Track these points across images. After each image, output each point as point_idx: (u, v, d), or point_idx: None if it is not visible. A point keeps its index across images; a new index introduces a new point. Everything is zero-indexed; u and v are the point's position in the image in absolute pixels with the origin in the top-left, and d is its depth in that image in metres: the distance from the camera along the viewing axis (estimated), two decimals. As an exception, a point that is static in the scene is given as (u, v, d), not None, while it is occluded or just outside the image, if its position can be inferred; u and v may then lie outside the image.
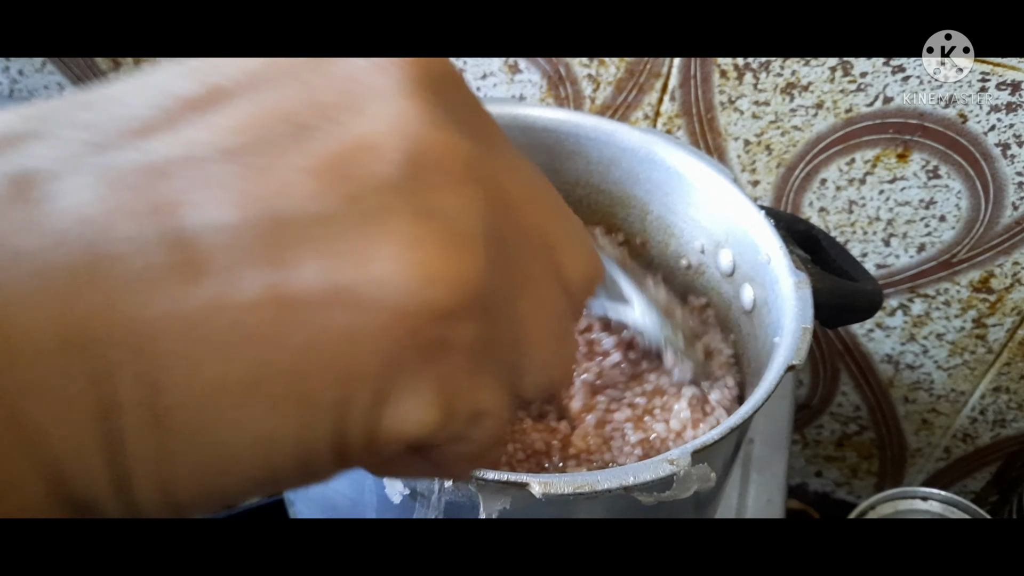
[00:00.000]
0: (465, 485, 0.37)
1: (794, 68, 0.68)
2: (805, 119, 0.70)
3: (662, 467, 0.37)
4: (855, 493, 0.97)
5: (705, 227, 0.55)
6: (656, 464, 0.37)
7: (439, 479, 0.37)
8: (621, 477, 0.37)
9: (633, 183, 0.58)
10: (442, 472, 0.22)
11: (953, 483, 0.91)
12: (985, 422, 0.85)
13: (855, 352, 0.84)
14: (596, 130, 0.57)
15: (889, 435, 0.89)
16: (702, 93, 0.72)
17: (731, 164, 0.75)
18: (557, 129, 0.57)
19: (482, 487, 0.37)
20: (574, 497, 0.36)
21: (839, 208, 0.74)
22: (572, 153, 0.58)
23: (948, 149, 0.68)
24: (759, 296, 0.51)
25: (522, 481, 0.36)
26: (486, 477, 0.36)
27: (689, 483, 0.38)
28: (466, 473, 0.22)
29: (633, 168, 0.57)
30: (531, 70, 0.75)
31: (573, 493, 0.36)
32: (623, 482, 0.37)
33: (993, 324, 0.77)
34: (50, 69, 0.93)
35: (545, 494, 0.36)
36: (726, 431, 0.40)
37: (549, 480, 0.36)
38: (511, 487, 0.36)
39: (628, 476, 0.37)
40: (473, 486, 0.37)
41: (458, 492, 0.37)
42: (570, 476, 0.37)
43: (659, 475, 0.37)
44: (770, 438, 0.73)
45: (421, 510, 0.38)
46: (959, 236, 0.73)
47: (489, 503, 0.37)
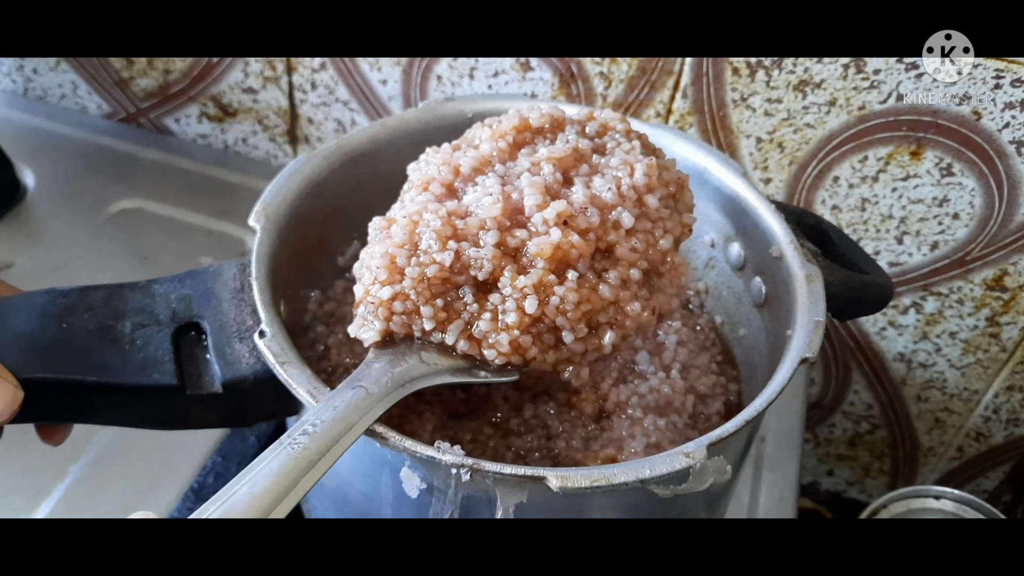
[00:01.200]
0: (482, 480, 0.37)
1: (807, 66, 0.68)
2: (818, 116, 0.70)
3: (678, 460, 0.37)
4: (867, 492, 0.96)
5: (715, 221, 0.55)
6: (672, 457, 0.38)
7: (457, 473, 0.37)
8: (638, 470, 0.37)
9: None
10: None
11: (966, 482, 0.91)
12: (999, 421, 0.84)
13: (867, 350, 0.84)
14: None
15: (902, 434, 0.89)
16: (714, 90, 0.71)
17: (743, 161, 0.75)
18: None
19: (499, 481, 0.37)
20: (591, 491, 0.36)
21: (852, 206, 0.74)
22: (583, 150, 0.58)
23: (962, 147, 0.68)
24: (770, 290, 0.51)
25: (539, 475, 0.36)
26: (504, 472, 0.36)
27: (705, 475, 0.38)
28: None
29: (643, 163, 0.57)
30: (543, 68, 0.75)
31: (590, 487, 0.36)
32: (640, 475, 0.37)
33: (1007, 323, 0.76)
34: (64, 68, 0.93)
35: (562, 488, 0.36)
36: (741, 423, 0.40)
37: (566, 474, 0.36)
38: (528, 481, 0.37)
39: (645, 469, 0.37)
40: (490, 480, 0.37)
41: (475, 486, 0.37)
42: (587, 470, 0.37)
43: (675, 468, 0.37)
44: (782, 436, 0.73)
45: (438, 505, 0.39)
46: (973, 234, 0.72)
47: (506, 497, 0.37)
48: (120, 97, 0.94)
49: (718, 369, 0.54)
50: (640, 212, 0.43)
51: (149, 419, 0.43)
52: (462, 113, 0.56)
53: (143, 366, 0.41)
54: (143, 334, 0.42)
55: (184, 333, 0.44)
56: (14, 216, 0.84)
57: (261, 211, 0.47)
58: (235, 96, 0.89)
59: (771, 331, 0.51)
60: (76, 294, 0.43)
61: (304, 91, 0.86)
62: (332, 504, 0.47)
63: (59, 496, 0.63)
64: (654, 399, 0.48)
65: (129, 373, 0.41)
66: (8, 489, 0.63)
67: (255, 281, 0.43)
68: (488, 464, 0.37)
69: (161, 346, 0.42)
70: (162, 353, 0.42)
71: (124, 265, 0.80)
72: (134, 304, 0.44)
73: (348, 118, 0.86)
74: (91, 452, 0.65)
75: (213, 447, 0.66)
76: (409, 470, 0.39)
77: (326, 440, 0.34)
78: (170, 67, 0.89)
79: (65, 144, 0.93)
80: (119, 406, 0.42)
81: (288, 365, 0.40)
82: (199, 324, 0.44)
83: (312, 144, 0.90)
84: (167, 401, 0.42)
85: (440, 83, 0.80)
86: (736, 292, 0.55)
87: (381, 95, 0.83)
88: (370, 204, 0.56)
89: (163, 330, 0.43)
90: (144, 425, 0.43)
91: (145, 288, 0.45)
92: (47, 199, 0.86)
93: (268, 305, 0.42)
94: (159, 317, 0.43)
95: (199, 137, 0.95)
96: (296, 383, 0.39)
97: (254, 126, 0.91)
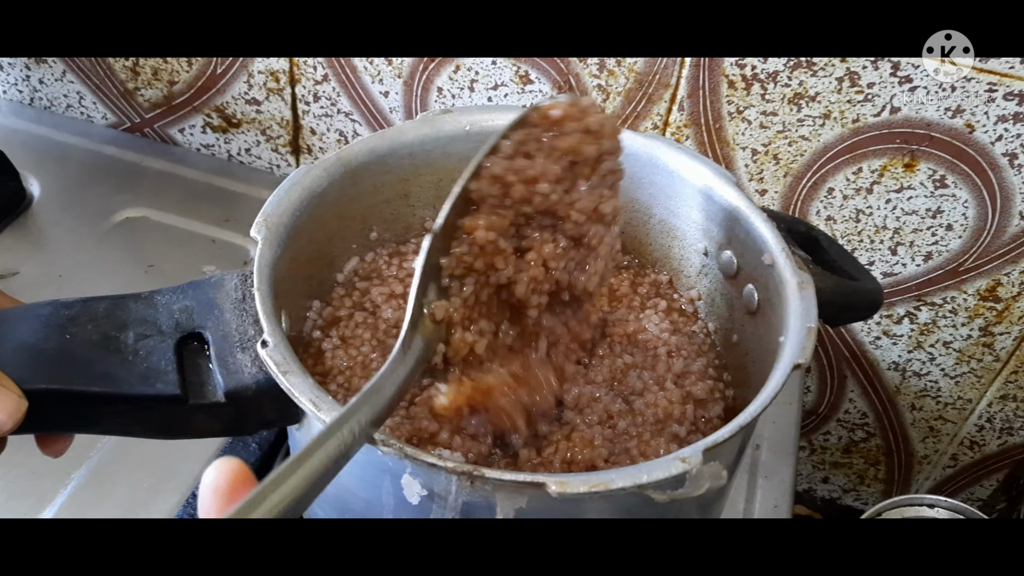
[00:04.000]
0: (483, 486, 0.38)
1: (801, 79, 0.69)
2: (812, 129, 0.71)
3: (675, 465, 0.38)
4: (862, 499, 0.97)
5: (707, 229, 0.56)
6: (668, 462, 0.38)
7: (457, 480, 0.38)
8: (635, 475, 0.38)
9: (636, 187, 0.58)
10: None
11: (960, 490, 0.92)
12: (992, 430, 0.85)
13: (862, 359, 0.84)
14: (599, 136, 0.58)
15: (896, 442, 0.90)
16: (710, 103, 0.72)
17: (739, 173, 0.76)
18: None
19: (499, 487, 0.38)
20: (589, 496, 0.37)
21: (846, 217, 0.75)
22: (577, 159, 0.59)
23: (955, 159, 0.69)
24: (762, 297, 0.52)
25: (538, 481, 0.37)
26: (504, 478, 0.37)
27: (701, 480, 0.39)
28: None
29: (636, 172, 0.58)
30: (542, 80, 0.76)
31: (588, 492, 0.37)
32: (636, 480, 0.37)
33: (1000, 332, 0.77)
34: (70, 78, 0.95)
35: (561, 493, 0.37)
36: (735, 429, 0.40)
37: (565, 479, 0.37)
38: (528, 487, 0.37)
39: (642, 474, 0.38)
40: (490, 486, 0.38)
41: (475, 492, 0.38)
42: (585, 475, 0.38)
43: (672, 473, 0.38)
44: (777, 444, 0.74)
45: (438, 511, 0.39)
46: (966, 245, 0.73)
47: (506, 502, 0.38)
48: (125, 107, 0.95)
49: (715, 374, 0.54)
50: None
51: (152, 428, 0.43)
52: (460, 125, 0.57)
53: (146, 376, 0.42)
54: (146, 344, 0.43)
55: (187, 343, 0.44)
56: (20, 224, 0.85)
57: (262, 222, 0.48)
58: (239, 107, 0.90)
59: (764, 338, 0.51)
60: (79, 305, 0.44)
61: (307, 102, 0.87)
62: (334, 510, 0.48)
63: (61, 502, 0.63)
64: (652, 413, 0.49)
65: (132, 383, 0.42)
66: (11, 495, 0.64)
67: (257, 291, 0.44)
68: (489, 471, 0.38)
69: (164, 356, 0.43)
70: (165, 363, 0.43)
71: (128, 273, 0.81)
72: (137, 315, 0.44)
73: (350, 129, 0.87)
74: (94, 458, 0.66)
75: (215, 453, 0.67)
76: (410, 477, 0.40)
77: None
78: (175, 78, 0.90)
79: (70, 153, 0.94)
80: (122, 416, 0.42)
81: (290, 375, 0.40)
82: (201, 334, 0.44)
83: (315, 154, 0.91)
84: (170, 410, 0.42)
85: (441, 95, 0.81)
86: (729, 299, 0.56)
87: (383, 106, 0.84)
88: (369, 215, 0.57)
89: (166, 340, 0.43)
90: (147, 435, 0.44)
91: (148, 299, 0.45)
92: (52, 207, 0.87)
93: (270, 315, 0.43)
94: (162, 327, 0.44)
95: (203, 147, 0.96)
96: (299, 392, 0.40)
97: (257, 137, 0.92)
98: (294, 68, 0.84)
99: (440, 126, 0.57)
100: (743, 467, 0.71)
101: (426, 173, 0.58)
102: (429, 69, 0.79)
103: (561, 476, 0.37)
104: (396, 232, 0.59)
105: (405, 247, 0.59)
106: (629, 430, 0.48)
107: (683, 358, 0.53)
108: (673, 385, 0.51)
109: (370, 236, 0.58)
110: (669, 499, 0.39)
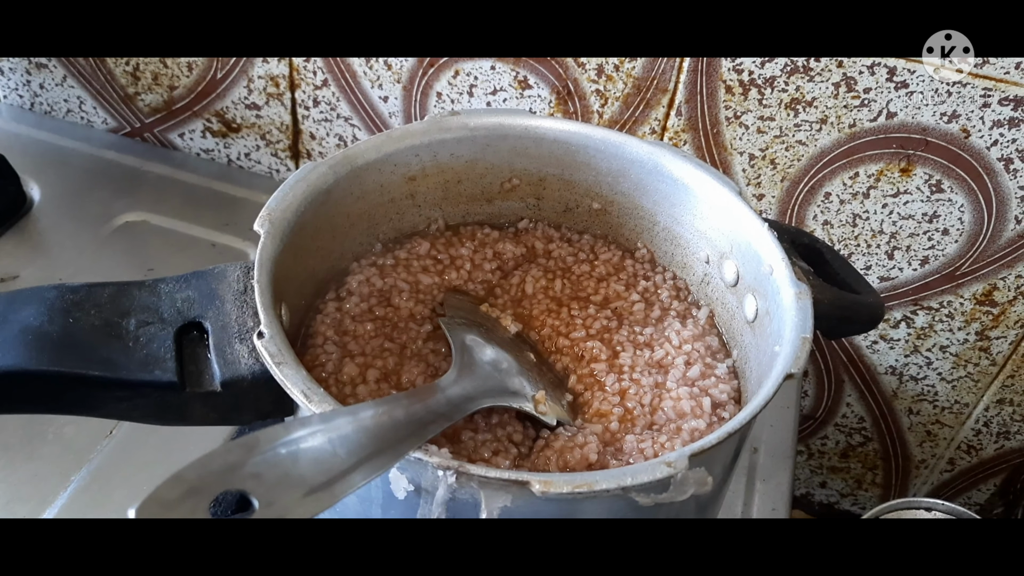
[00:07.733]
0: (468, 483, 0.38)
1: (798, 84, 0.69)
2: (809, 134, 0.71)
3: (659, 469, 0.38)
4: (860, 504, 0.97)
5: (710, 238, 0.56)
6: (653, 466, 0.38)
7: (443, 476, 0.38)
8: (619, 478, 0.38)
9: (641, 194, 0.59)
10: None
11: (958, 494, 0.92)
12: (989, 434, 0.85)
13: (859, 364, 0.85)
14: (605, 142, 0.58)
15: (893, 446, 0.90)
16: (708, 108, 0.73)
17: (736, 178, 0.76)
18: (567, 141, 0.59)
19: (484, 484, 0.38)
20: (572, 496, 0.37)
21: (843, 221, 0.75)
22: (582, 165, 0.59)
23: (951, 164, 0.69)
24: (761, 307, 0.52)
25: (523, 479, 0.37)
26: (488, 475, 0.37)
27: (686, 486, 0.39)
28: None
29: (641, 179, 0.58)
30: (540, 85, 0.77)
31: (572, 492, 0.37)
32: (621, 483, 0.38)
33: (997, 336, 0.78)
34: (70, 83, 0.95)
35: (544, 492, 0.37)
36: (724, 435, 0.41)
37: (549, 479, 0.37)
38: (512, 485, 0.37)
39: (626, 477, 0.38)
40: (475, 483, 0.38)
41: (461, 489, 0.38)
42: (569, 476, 0.38)
43: (656, 476, 0.38)
44: (775, 448, 0.74)
45: (425, 507, 0.39)
46: (962, 249, 0.74)
47: (491, 500, 0.38)
48: (125, 112, 0.95)
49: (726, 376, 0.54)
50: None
51: (149, 414, 0.44)
52: (466, 127, 0.57)
53: (145, 363, 0.42)
54: (147, 332, 0.43)
55: (187, 332, 0.44)
56: (20, 228, 0.85)
57: (266, 216, 0.48)
58: (239, 112, 0.90)
59: (761, 347, 0.51)
60: (85, 290, 0.44)
61: (307, 107, 0.87)
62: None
63: (62, 504, 0.63)
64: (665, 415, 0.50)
65: (131, 369, 0.42)
66: (11, 498, 0.64)
67: (257, 284, 0.44)
68: (473, 467, 0.38)
69: (164, 344, 0.43)
70: (164, 351, 0.43)
71: (128, 277, 0.78)
72: (140, 302, 0.45)
73: (350, 134, 0.88)
74: (94, 460, 0.66)
75: (214, 454, 0.67)
76: (398, 471, 0.40)
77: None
78: (175, 83, 0.90)
79: (71, 158, 0.94)
80: (121, 401, 0.43)
81: (284, 366, 0.41)
82: (201, 324, 0.45)
83: (314, 159, 0.92)
84: (167, 397, 0.43)
85: (440, 99, 0.81)
86: (730, 308, 0.56)
87: (382, 111, 0.84)
88: (374, 213, 0.57)
89: (166, 328, 0.44)
90: (145, 420, 0.44)
91: (151, 287, 0.46)
92: (53, 212, 0.87)
93: (268, 307, 0.43)
94: (163, 316, 0.44)
95: (203, 152, 0.96)
96: (291, 383, 0.40)
97: (257, 141, 0.92)
98: (294, 73, 0.85)
99: (447, 127, 0.57)
100: (740, 471, 0.71)
101: (433, 174, 0.58)
102: (428, 74, 0.80)
103: (546, 475, 0.38)
104: (401, 231, 0.59)
105: (409, 246, 0.59)
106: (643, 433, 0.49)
107: (696, 363, 0.54)
108: (687, 389, 0.51)
109: (374, 235, 0.58)
110: (654, 503, 0.39)
